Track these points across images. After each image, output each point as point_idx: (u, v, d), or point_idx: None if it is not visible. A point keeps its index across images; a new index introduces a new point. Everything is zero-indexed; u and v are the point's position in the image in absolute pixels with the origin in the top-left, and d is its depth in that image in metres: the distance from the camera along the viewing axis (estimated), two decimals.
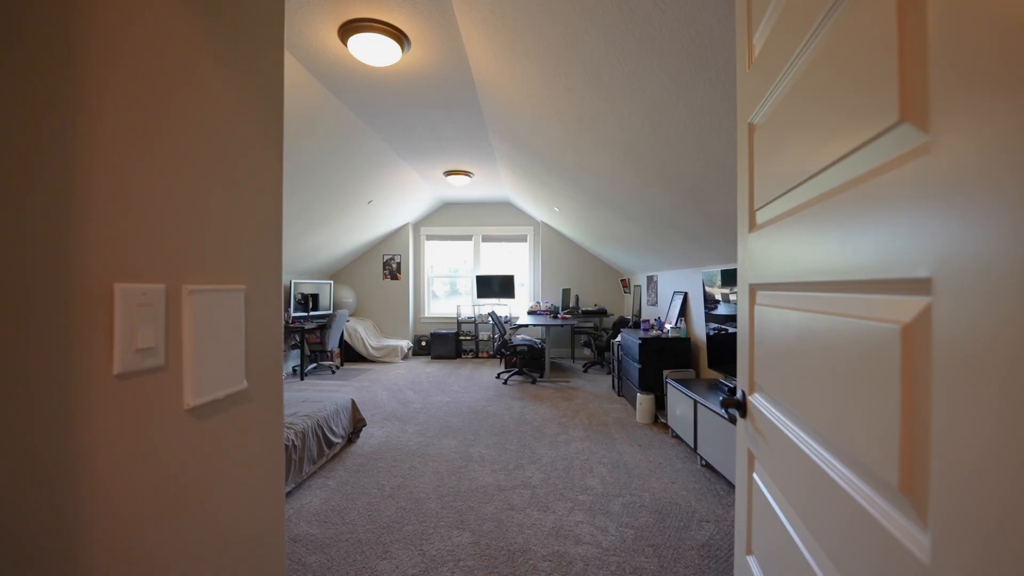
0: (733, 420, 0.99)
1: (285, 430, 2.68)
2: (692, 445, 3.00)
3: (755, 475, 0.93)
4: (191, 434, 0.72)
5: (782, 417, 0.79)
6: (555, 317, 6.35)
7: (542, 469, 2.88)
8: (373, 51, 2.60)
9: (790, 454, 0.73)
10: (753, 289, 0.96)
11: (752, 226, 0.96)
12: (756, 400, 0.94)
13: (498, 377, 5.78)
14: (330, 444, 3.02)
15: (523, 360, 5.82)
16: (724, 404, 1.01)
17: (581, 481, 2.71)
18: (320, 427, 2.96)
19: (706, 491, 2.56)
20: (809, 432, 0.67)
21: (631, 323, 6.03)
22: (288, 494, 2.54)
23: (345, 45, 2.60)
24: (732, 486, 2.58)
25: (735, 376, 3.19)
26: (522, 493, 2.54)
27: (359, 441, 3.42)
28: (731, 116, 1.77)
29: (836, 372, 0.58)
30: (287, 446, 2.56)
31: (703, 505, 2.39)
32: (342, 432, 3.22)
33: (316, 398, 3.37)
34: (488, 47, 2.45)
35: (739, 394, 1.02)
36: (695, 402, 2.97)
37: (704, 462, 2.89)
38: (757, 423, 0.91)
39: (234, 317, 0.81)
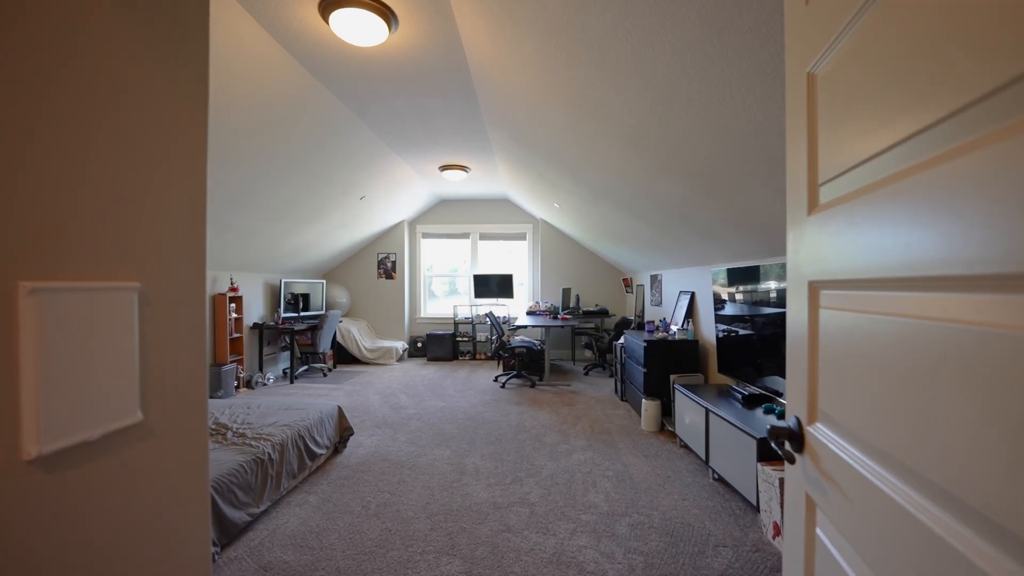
0: (791, 459, 0.77)
1: (262, 442, 2.46)
2: (703, 457, 2.79)
3: (819, 532, 0.72)
4: (38, 495, 0.50)
5: (874, 465, 0.57)
6: (555, 318, 6.13)
7: (541, 483, 2.67)
8: (357, 29, 2.38)
9: (896, 523, 0.52)
10: (815, 288, 0.74)
11: (813, 207, 0.74)
12: (820, 433, 0.72)
13: (496, 380, 5.57)
14: (313, 456, 2.80)
15: (522, 362, 5.60)
16: (773, 434, 0.79)
17: (584, 497, 2.49)
18: (302, 437, 2.74)
19: (720, 509, 2.34)
20: (945, 506, 0.45)
21: (634, 324, 5.82)
22: (264, 513, 2.32)
23: (326, 22, 2.38)
24: (749, 504, 2.36)
25: (749, 383, 2.98)
26: (519, 512, 2.33)
27: (346, 451, 3.20)
28: (759, 87, 1.56)
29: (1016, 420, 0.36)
30: (263, 460, 2.34)
31: (718, 526, 2.18)
32: (327, 442, 3.00)
33: (300, 405, 3.15)
34: (482, 24, 2.23)
35: (791, 422, 0.80)
36: (706, 410, 2.76)
37: (716, 476, 2.68)
38: (824, 464, 0.69)
39: (119, 326, 0.59)
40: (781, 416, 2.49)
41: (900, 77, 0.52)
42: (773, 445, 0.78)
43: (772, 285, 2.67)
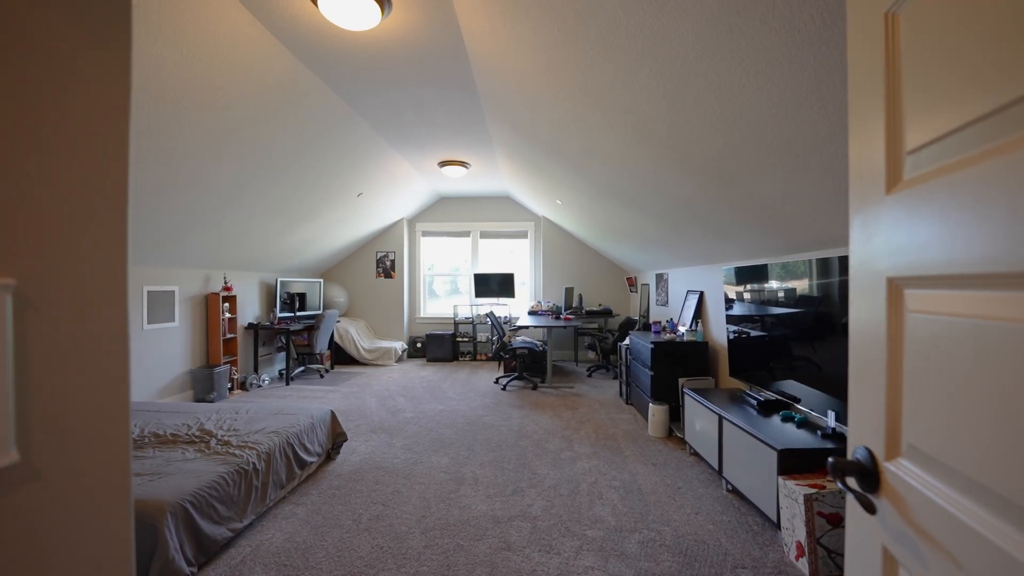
0: (868, 506, 0.61)
1: (247, 451, 2.31)
2: (716, 467, 2.63)
3: None
4: None
5: (1003, 525, 0.41)
6: (557, 317, 5.98)
7: (544, 494, 2.51)
8: (348, 11, 2.23)
9: None
10: (896, 287, 0.58)
11: (894, 183, 0.59)
12: (905, 471, 0.56)
13: (496, 382, 5.41)
14: (303, 464, 2.65)
15: (523, 364, 5.45)
16: (836, 470, 0.63)
17: (589, 511, 2.33)
18: (291, 445, 2.59)
19: (736, 525, 2.18)
20: None
21: (639, 324, 5.66)
22: (248, 527, 2.17)
23: (315, 4, 2.23)
24: (768, 519, 2.21)
25: (763, 387, 2.81)
26: (521, 527, 2.17)
27: (339, 458, 3.05)
28: (787, 66, 1.39)
29: None
30: (247, 470, 2.20)
31: (735, 544, 2.02)
32: (318, 449, 2.85)
33: (290, 409, 3.00)
34: (479, 4, 2.08)
35: (859, 454, 0.64)
36: (720, 417, 2.60)
37: (731, 487, 2.52)
38: (915, 514, 0.54)
39: None
40: (801, 425, 2.33)
41: None
42: (840, 485, 0.62)
43: (792, 284, 2.51)
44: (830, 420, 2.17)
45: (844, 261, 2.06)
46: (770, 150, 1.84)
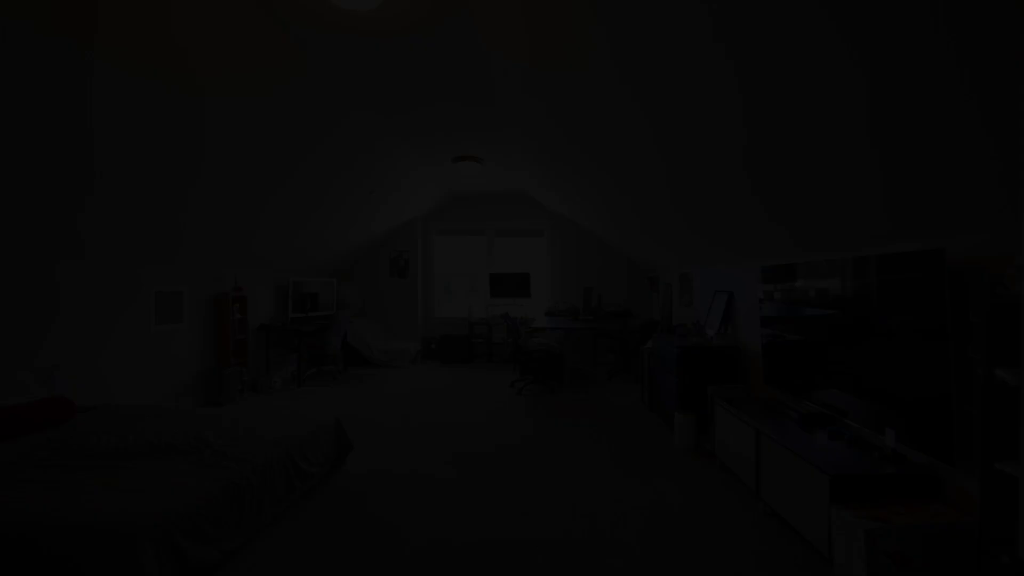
0: None
1: (243, 464, 2.16)
2: (752, 486, 2.36)
3: None
4: None
5: None
6: (575, 319, 5.74)
7: (560, 516, 2.29)
8: None
9: None
10: None
11: None
12: None
13: (512, 386, 5.20)
14: (303, 477, 2.49)
15: (540, 367, 5.22)
16: None
17: (612, 535, 2.10)
18: (290, 456, 2.43)
19: (780, 557, 1.92)
20: None
21: (661, 326, 5.37)
22: (239, 548, 2.01)
23: None
24: (815, 550, 1.94)
25: (802, 396, 2.53)
26: (534, 557, 1.95)
27: (343, 469, 2.88)
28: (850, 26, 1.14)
29: None
30: (240, 486, 2.04)
31: None
32: (321, 459, 2.69)
33: (293, 418, 2.85)
34: None
35: None
36: (757, 432, 2.33)
37: (770, 510, 2.25)
38: None
39: None
40: (853, 443, 2.06)
41: None
42: None
43: (840, 283, 2.23)
44: (890, 440, 1.89)
45: (913, 257, 1.77)
46: (815, 127, 1.59)
